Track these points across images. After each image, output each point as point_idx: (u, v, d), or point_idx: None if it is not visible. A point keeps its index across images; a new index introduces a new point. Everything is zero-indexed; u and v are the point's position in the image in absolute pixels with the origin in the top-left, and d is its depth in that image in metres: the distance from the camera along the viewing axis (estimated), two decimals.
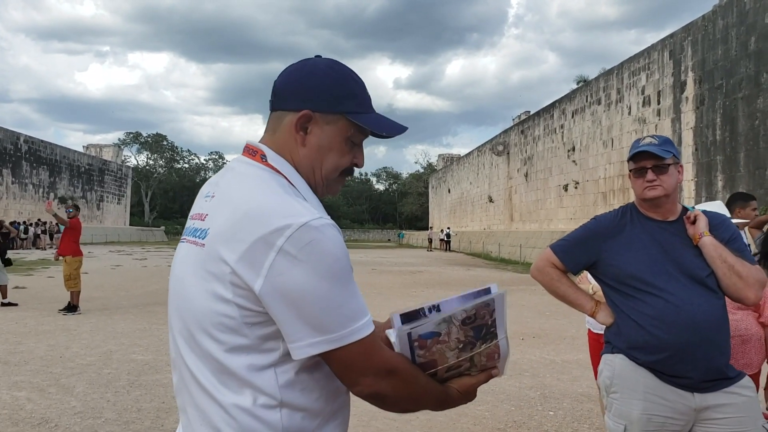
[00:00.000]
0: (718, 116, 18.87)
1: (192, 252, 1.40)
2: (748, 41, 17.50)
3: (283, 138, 1.46)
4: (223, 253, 1.29)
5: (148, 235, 70.96)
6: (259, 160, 1.43)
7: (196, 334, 1.36)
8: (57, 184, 55.05)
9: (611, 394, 2.77)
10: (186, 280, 1.40)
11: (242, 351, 1.31)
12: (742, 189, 17.63)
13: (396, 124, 1.53)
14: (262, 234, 1.25)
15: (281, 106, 1.47)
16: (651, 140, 2.75)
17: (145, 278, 20.25)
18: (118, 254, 35.82)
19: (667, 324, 2.58)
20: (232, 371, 1.32)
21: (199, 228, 1.41)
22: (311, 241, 1.23)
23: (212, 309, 1.31)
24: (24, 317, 11.48)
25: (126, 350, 8.57)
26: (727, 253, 2.61)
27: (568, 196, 30.82)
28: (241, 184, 1.38)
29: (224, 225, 1.32)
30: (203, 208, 1.44)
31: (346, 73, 1.49)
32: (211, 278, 1.31)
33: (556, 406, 6.22)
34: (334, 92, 1.45)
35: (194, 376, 1.37)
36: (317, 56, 1.52)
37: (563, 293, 2.95)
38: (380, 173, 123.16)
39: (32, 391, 6.47)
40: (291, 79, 1.47)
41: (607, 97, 27.05)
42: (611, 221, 2.87)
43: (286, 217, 1.25)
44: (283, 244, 1.23)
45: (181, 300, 1.42)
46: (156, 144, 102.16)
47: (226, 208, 1.35)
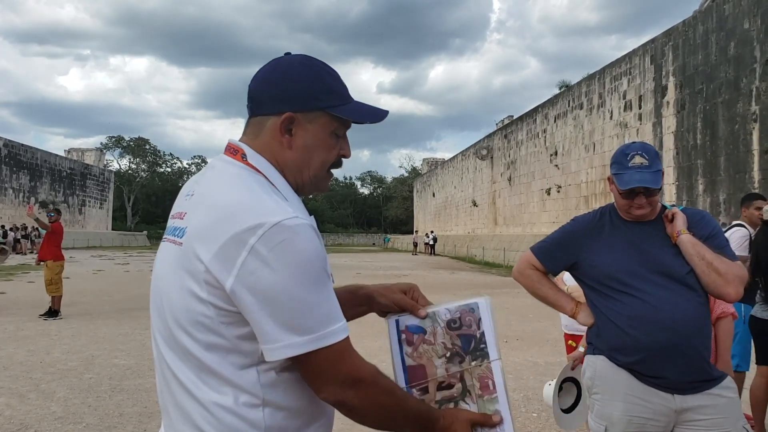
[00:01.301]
0: (699, 120, 19.07)
1: (171, 251, 1.39)
2: (728, 46, 17.71)
3: (265, 141, 1.43)
4: (198, 251, 1.28)
5: (131, 239, 70.41)
6: (240, 159, 1.42)
7: (176, 332, 1.34)
8: (38, 189, 54.47)
9: (593, 395, 2.78)
10: (165, 278, 1.39)
11: (221, 350, 1.30)
12: (722, 193, 17.83)
13: (376, 109, 1.52)
14: (235, 232, 1.23)
15: (261, 111, 1.44)
16: (642, 160, 2.66)
17: (127, 283, 20.08)
18: (100, 259, 35.50)
19: (645, 325, 2.58)
20: (213, 370, 1.30)
21: (179, 227, 1.40)
22: (283, 240, 1.22)
23: (190, 308, 1.30)
24: (3, 323, 11.34)
25: (108, 355, 8.50)
26: (705, 250, 2.60)
27: (551, 200, 30.98)
28: (218, 182, 1.38)
29: (200, 223, 1.31)
30: (183, 206, 1.43)
31: (320, 67, 1.47)
32: (187, 277, 1.30)
33: (540, 408, 6.24)
34: (311, 90, 1.43)
35: (175, 375, 1.35)
36: (287, 53, 1.50)
37: (544, 294, 2.97)
38: (365, 177, 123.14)
39: (11, 396, 6.39)
40: (267, 83, 1.44)
41: (589, 102, 27.24)
42: (590, 222, 2.88)
43: (259, 216, 1.24)
44: (255, 242, 1.21)
45: (160, 299, 1.40)
46: (138, 148, 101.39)
47: (203, 206, 1.34)
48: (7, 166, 49.32)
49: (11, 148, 50.52)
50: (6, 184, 49.07)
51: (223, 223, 1.25)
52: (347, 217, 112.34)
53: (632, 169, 2.67)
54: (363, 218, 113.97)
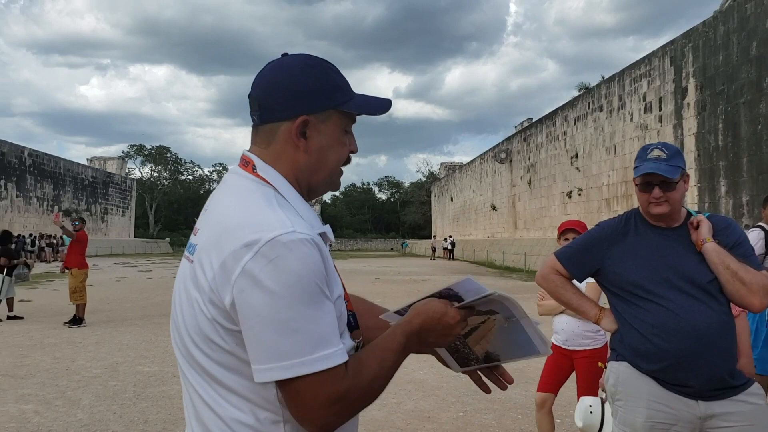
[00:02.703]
0: (720, 122, 18.88)
1: (186, 267, 1.39)
2: (750, 46, 17.52)
3: (279, 149, 1.41)
4: (205, 268, 1.27)
5: (153, 247, 71.02)
6: (251, 171, 1.40)
7: (192, 349, 1.33)
8: (61, 197, 55.16)
9: (616, 401, 2.77)
10: (180, 297, 1.39)
11: (234, 367, 1.28)
12: (745, 194, 17.62)
13: (381, 99, 1.50)
14: (233, 248, 1.22)
15: (272, 118, 1.40)
16: (660, 153, 2.69)
17: (150, 290, 20.27)
18: (123, 266, 35.85)
19: (668, 332, 2.57)
20: (230, 387, 1.29)
21: (193, 243, 1.40)
22: (275, 258, 1.19)
23: (201, 325, 1.29)
24: (30, 330, 11.50)
25: (132, 362, 8.58)
26: (731, 259, 2.58)
27: (572, 203, 30.80)
28: (227, 197, 1.37)
29: (207, 240, 1.31)
30: (199, 222, 1.44)
31: (324, 65, 1.45)
32: (197, 294, 1.29)
33: (563, 413, 6.20)
34: (322, 90, 1.41)
35: (196, 391, 1.35)
36: (284, 54, 1.47)
37: (567, 300, 2.96)
38: (382, 182, 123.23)
39: (39, 404, 6.48)
40: (275, 88, 1.40)
41: (609, 104, 27.07)
42: (614, 228, 2.86)
43: (256, 231, 1.22)
44: (248, 260, 1.20)
45: (177, 316, 1.40)
46: (160, 156, 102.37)
47: (211, 222, 1.35)
48: (31, 175, 50.01)
49: (35, 157, 51.22)
50: (30, 193, 49.75)
51: (225, 238, 1.25)
52: (365, 222, 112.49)
53: (649, 160, 2.69)
54: (381, 223, 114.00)
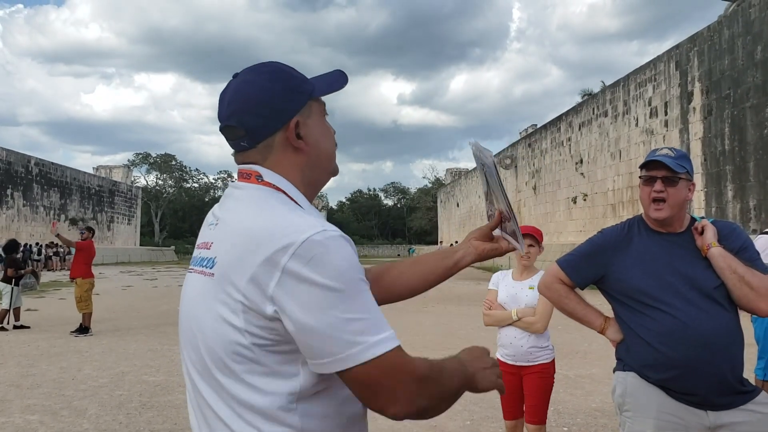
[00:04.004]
0: (727, 126, 18.82)
1: (201, 282, 1.38)
2: (755, 50, 17.48)
3: (279, 157, 1.42)
4: (233, 279, 1.27)
5: (159, 255, 71.12)
6: (255, 181, 1.40)
7: (212, 366, 1.33)
8: (68, 206, 55.34)
9: (624, 412, 2.73)
10: (197, 312, 1.37)
11: (259, 380, 1.28)
12: (752, 199, 17.55)
13: (334, 73, 1.53)
14: (266, 255, 1.22)
15: (264, 136, 1.41)
16: (668, 152, 2.71)
17: (156, 298, 20.28)
18: (129, 275, 35.90)
19: (675, 341, 2.54)
20: (250, 403, 1.28)
21: (206, 257, 1.38)
22: (314, 256, 1.20)
23: (226, 339, 1.28)
24: (36, 339, 11.51)
25: (138, 371, 8.57)
26: (737, 264, 2.55)
27: (577, 208, 30.74)
28: (240, 208, 1.37)
29: (230, 252, 1.30)
30: (208, 236, 1.43)
31: (276, 66, 1.47)
32: (222, 307, 1.28)
33: (570, 421, 6.17)
34: (294, 88, 1.43)
35: (211, 408, 1.34)
36: (235, 75, 1.48)
37: (572, 310, 2.93)
38: (388, 188, 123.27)
39: (45, 414, 6.47)
40: (255, 108, 1.40)
41: (614, 109, 27.03)
42: (618, 234, 2.83)
43: (287, 235, 1.23)
44: (287, 262, 1.21)
45: (193, 332, 1.38)
46: (165, 164, 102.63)
47: (229, 234, 1.34)
48: (38, 184, 50.20)
49: (42, 166, 51.43)
50: (37, 202, 49.92)
51: (254, 248, 1.24)
52: (372, 228, 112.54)
53: (657, 156, 2.71)
54: (387, 229, 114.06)
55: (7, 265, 13.36)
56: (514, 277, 4.45)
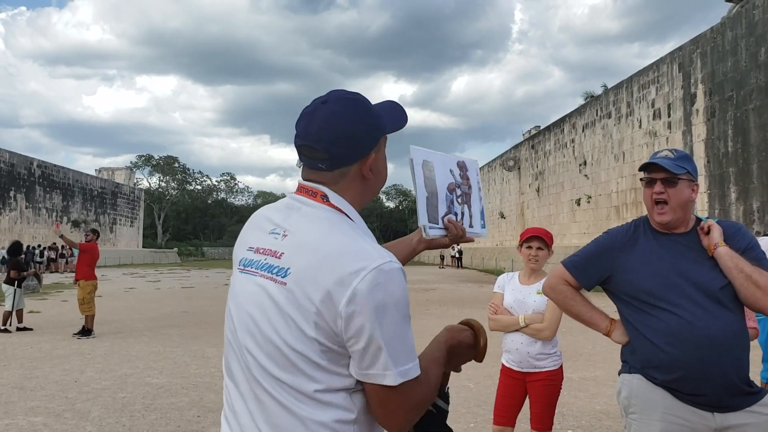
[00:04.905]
0: (730, 128, 18.79)
1: (268, 288, 1.49)
2: (758, 52, 17.45)
3: (349, 183, 1.58)
4: (309, 292, 1.41)
5: (161, 257, 71.21)
6: (321, 200, 1.54)
7: (274, 364, 1.46)
8: (70, 208, 55.44)
9: (629, 414, 2.71)
10: (262, 315, 1.49)
11: (321, 379, 1.43)
12: (755, 201, 17.51)
13: (396, 108, 1.68)
14: (341, 275, 1.38)
15: (343, 165, 1.56)
16: (668, 153, 2.71)
17: (158, 300, 20.29)
18: (132, 277, 35.93)
19: (681, 341, 2.52)
20: (312, 396, 1.43)
21: (276, 265, 1.50)
22: (380, 283, 1.38)
23: (295, 343, 1.43)
24: (39, 342, 11.51)
25: (141, 374, 8.56)
26: (744, 263, 2.54)
27: (581, 210, 30.70)
28: (315, 227, 1.51)
29: (308, 267, 1.44)
30: (274, 245, 1.54)
31: (362, 100, 1.60)
32: (297, 315, 1.43)
33: (575, 424, 6.15)
34: (374, 125, 1.59)
35: (275, 398, 1.46)
36: (323, 102, 1.57)
37: (577, 312, 2.90)
38: (390, 191, 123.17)
39: (48, 416, 6.47)
40: (340, 140, 1.53)
41: (617, 111, 27.01)
42: (623, 235, 2.81)
43: (361, 260, 1.40)
44: (357, 284, 1.37)
45: (254, 334, 1.50)
46: (168, 166, 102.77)
47: (306, 250, 1.47)
48: (40, 186, 50.30)
49: (44, 168, 51.53)
50: (40, 204, 50.02)
51: (330, 266, 1.40)
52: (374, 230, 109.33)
53: (655, 159, 2.71)
54: (389, 231, 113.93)
55: (10, 267, 13.37)
56: (520, 280, 4.31)
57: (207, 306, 18.34)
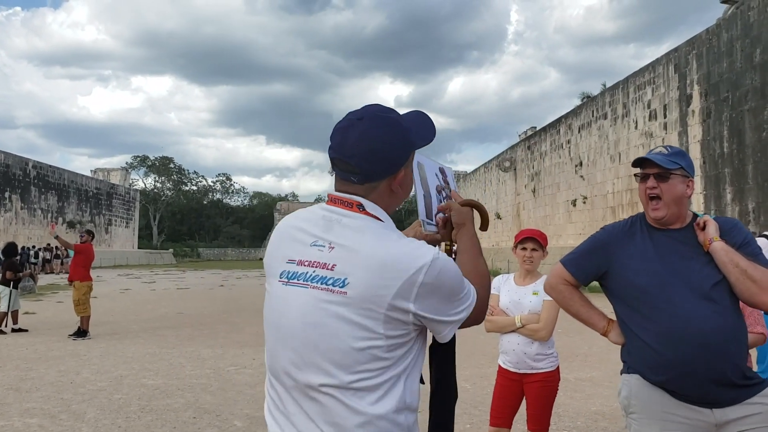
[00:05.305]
0: (725, 129, 18.83)
1: (326, 298, 1.59)
2: (753, 53, 17.50)
3: (379, 195, 1.69)
4: (374, 298, 1.56)
5: (157, 258, 71.04)
6: (357, 210, 1.65)
7: (337, 368, 1.57)
8: (65, 209, 55.27)
9: (630, 414, 2.72)
10: (322, 323, 1.59)
11: (382, 371, 1.58)
12: (751, 201, 17.56)
13: (425, 121, 1.80)
14: (407, 276, 1.56)
15: (374, 180, 1.67)
16: (662, 149, 2.73)
17: (154, 301, 20.26)
18: (127, 278, 35.85)
19: (674, 341, 2.53)
20: (373, 391, 1.57)
21: (330, 276, 1.60)
22: (439, 270, 1.59)
23: (361, 345, 1.57)
24: (34, 343, 11.48)
25: (136, 375, 8.55)
26: (740, 258, 2.53)
27: (577, 211, 30.74)
28: (362, 236, 1.62)
29: (368, 276, 1.57)
30: (321, 257, 1.63)
31: (398, 120, 1.70)
32: (362, 319, 1.57)
33: (570, 425, 6.15)
34: (406, 142, 1.70)
35: (337, 399, 1.57)
36: (359, 118, 1.66)
37: (576, 311, 2.91)
38: None
39: (44, 417, 6.45)
40: (373, 157, 1.64)
41: (614, 112, 27.05)
42: (620, 230, 2.83)
43: (418, 258, 1.59)
44: (422, 279, 1.57)
45: (314, 342, 1.60)
46: (163, 167, 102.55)
47: (361, 259, 1.59)
48: (35, 187, 50.15)
49: (39, 169, 51.37)
50: (35, 205, 49.86)
51: (395, 271, 1.57)
52: None
53: (648, 155, 2.73)
54: None
55: (5, 268, 13.32)
56: (516, 281, 4.34)
57: (202, 307, 18.32)
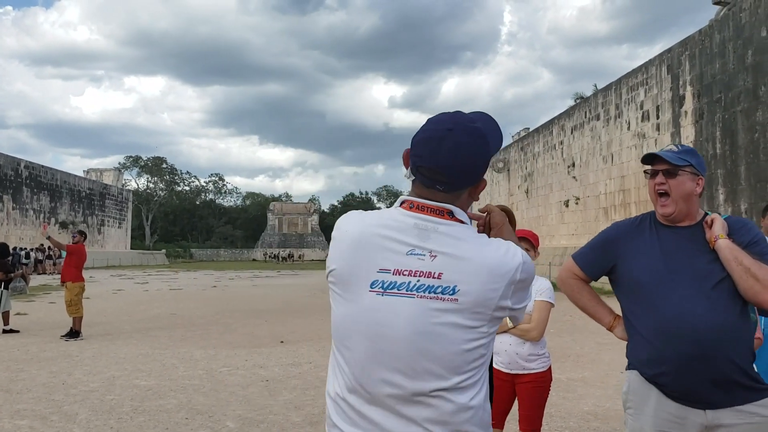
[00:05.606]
0: (718, 130, 18.91)
1: (436, 306, 1.65)
2: (746, 54, 17.58)
3: (461, 203, 1.78)
4: (487, 300, 1.67)
5: (150, 258, 70.87)
6: (448, 217, 1.73)
7: (446, 370, 1.65)
8: (58, 209, 55.09)
9: (627, 409, 2.77)
10: (432, 331, 1.65)
11: (482, 366, 1.71)
12: (743, 202, 17.63)
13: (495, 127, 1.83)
14: (509, 279, 1.69)
15: (458, 189, 1.75)
16: (672, 147, 2.76)
17: (146, 302, 20.19)
18: (120, 278, 35.75)
19: (667, 336, 2.55)
20: (474, 385, 1.69)
21: (437, 285, 1.66)
22: (527, 267, 1.74)
23: (470, 346, 1.67)
24: (26, 344, 11.42)
25: (129, 376, 8.51)
26: (744, 256, 2.53)
27: (570, 212, 30.81)
28: (463, 244, 1.70)
29: (479, 282, 1.67)
30: (423, 266, 1.68)
31: (483, 132, 1.75)
32: (474, 323, 1.67)
33: (562, 425, 6.16)
34: (489, 153, 1.76)
35: (446, 399, 1.65)
36: (449, 128, 1.70)
37: (583, 305, 2.97)
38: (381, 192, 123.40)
39: (34, 419, 6.41)
40: (463, 170, 1.71)
41: (606, 113, 27.13)
42: (629, 226, 2.86)
43: (514, 258, 1.72)
44: (518, 276, 1.72)
45: (424, 349, 1.65)
46: (156, 167, 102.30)
47: (469, 267, 1.67)
48: (27, 187, 49.95)
49: (32, 169, 51.18)
50: (27, 206, 49.68)
51: (498, 275, 1.68)
52: None
53: (658, 151, 2.75)
54: None
55: None
56: None
57: (195, 308, 18.27)
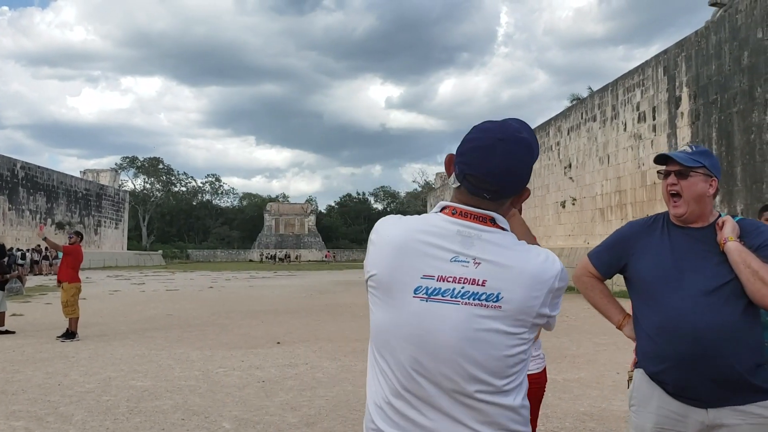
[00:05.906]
0: (714, 131, 18.95)
1: (480, 313, 1.67)
2: (741, 56, 17.62)
3: (504, 211, 1.79)
4: (527, 310, 1.69)
5: (146, 259, 70.78)
6: (490, 224, 1.74)
7: (492, 376, 1.67)
8: (54, 210, 54.98)
9: (631, 406, 2.80)
10: (478, 337, 1.67)
11: (522, 370, 1.73)
12: (739, 203, 17.67)
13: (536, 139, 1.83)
14: (548, 286, 1.72)
15: (504, 198, 1.77)
16: (686, 148, 2.77)
17: (143, 303, 20.16)
18: (116, 279, 35.69)
19: (668, 334, 2.57)
20: (518, 388, 1.71)
21: (482, 292, 1.68)
22: (563, 275, 1.76)
23: (513, 351, 1.69)
24: (21, 345, 11.40)
25: (125, 377, 8.50)
26: (753, 258, 2.54)
27: (566, 212, 30.85)
28: (506, 252, 1.72)
29: (523, 290, 1.69)
30: (467, 273, 1.69)
31: (533, 142, 1.77)
32: (517, 329, 1.69)
33: (558, 425, 6.17)
34: (533, 163, 1.79)
35: (491, 403, 1.68)
36: (500, 138, 1.71)
37: (595, 302, 3.01)
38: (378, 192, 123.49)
39: (30, 420, 6.40)
40: (510, 181, 1.73)
41: (602, 114, 27.16)
42: (642, 226, 2.88)
43: (553, 266, 1.74)
44: (557, 285, 1.74)
45: (471, 354, 1.67)
46: (152, 168, 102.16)
47: (512, 275, 1.69)
48: (24, 188, 49.85)
49: (28, 170, 51.07)
50: (23, 206, 49.57)
51: (539, 282, 1.71)
52: (361, 232, 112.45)
53: (671, 152, 2.76)
54: None
55: None
56: None
57: (191, 309, 18.25)
